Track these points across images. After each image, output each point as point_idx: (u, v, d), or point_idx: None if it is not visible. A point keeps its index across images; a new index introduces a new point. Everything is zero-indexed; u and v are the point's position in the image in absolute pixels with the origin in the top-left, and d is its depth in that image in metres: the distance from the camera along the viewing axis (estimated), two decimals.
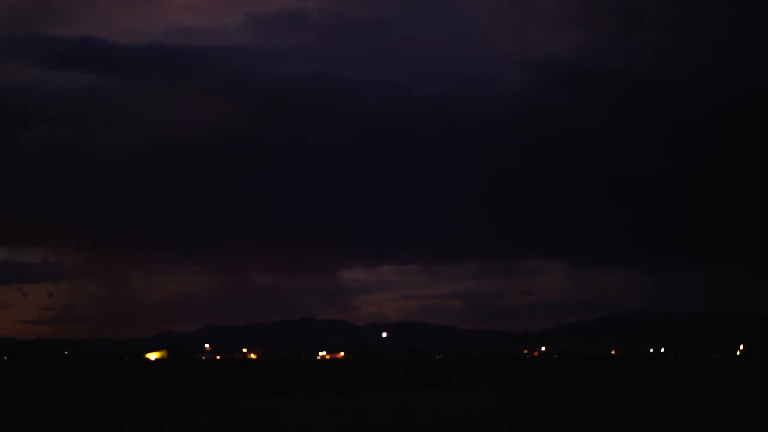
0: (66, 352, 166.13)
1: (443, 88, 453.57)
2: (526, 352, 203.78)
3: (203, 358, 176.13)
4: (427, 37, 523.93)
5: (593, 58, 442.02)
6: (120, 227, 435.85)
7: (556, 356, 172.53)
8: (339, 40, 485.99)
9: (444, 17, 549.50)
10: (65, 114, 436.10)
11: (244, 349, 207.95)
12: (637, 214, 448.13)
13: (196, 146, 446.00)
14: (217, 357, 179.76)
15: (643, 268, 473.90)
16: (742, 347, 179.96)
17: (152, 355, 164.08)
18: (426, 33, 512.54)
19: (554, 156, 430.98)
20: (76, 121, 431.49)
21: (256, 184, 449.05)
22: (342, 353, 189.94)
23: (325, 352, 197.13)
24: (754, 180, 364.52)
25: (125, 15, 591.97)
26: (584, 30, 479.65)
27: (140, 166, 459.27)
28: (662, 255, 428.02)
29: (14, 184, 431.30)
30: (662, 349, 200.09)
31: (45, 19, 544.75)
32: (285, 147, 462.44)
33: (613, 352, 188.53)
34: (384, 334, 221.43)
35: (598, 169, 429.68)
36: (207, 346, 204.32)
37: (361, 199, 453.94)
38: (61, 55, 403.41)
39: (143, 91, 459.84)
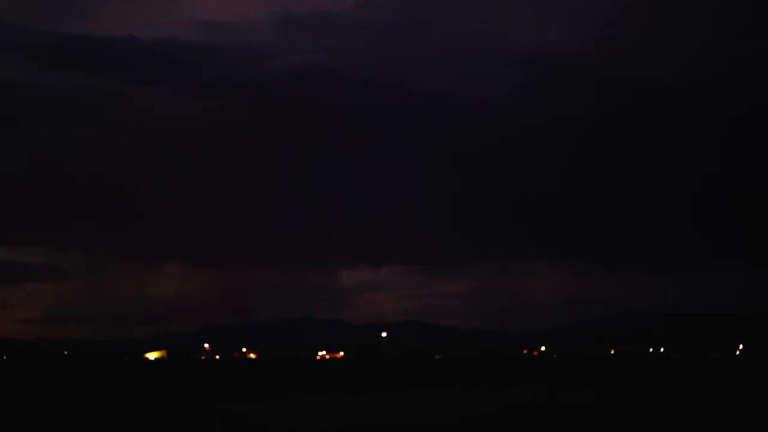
0: (66, 352, 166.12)
1: (445, 87, 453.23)
2: (525, 351, 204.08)
3: (203, 357, 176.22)
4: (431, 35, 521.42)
5: (592, 57, 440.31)
6: (120, 227, 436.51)
7: (556, 356, 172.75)
8: (347, 40, 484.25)
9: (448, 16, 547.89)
10: (67, 113, 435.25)
11: (244, 349, 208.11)
12: (637, 214, 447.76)
13: (196, 145, 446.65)
14: (217, 357, 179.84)
15: (643, 268, 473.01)
16: (741, 347, 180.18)
17: (152, 355, 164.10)
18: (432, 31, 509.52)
19: (555, 155, 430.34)
20: (77, 120, 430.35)
21: (257, 184, 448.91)
22: (342, 353, 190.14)
23: (325, 352, 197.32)
24: (761, 179, 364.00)
25: (144, 9, 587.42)
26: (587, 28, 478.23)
27: (141, 165, 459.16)
28: (662, 254, 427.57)
29: (15, 183, 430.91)
30: (662, 349, 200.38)
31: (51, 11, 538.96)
32: (285, 146, 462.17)
33: (612, 351, 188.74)
34: (384, 334, 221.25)
35: (599, 168, 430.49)
36: (207, 345, 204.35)
37: (361, 199, 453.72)
38: (69, 51, 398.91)
39: (144, 89, 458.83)
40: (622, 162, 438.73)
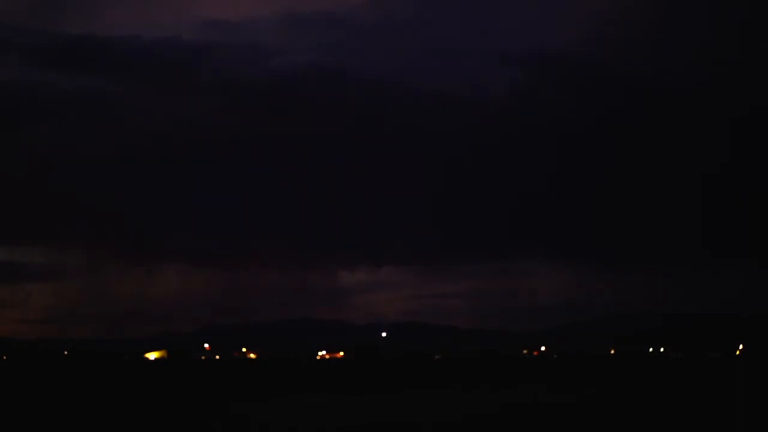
0: (66, 352, 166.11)
1: (445, 87, 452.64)
2: (525, 352, 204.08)
3: (203, 357, 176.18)
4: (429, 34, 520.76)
5: (592, 57, 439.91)
6: (120, 227, 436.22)
7: (555, 356, 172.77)
8: (350, 39, 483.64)
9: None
10: (67, 113, 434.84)
11: (244, 349, 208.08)
12: (637, 214, 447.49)
13: (194, 145, 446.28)
14: (217, 357, 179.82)
15: (643, 268, 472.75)
16: (741, 347, 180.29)
17: (152, 355, 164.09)
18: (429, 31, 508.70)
19: (555, 155, 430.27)
20: (77, 120, 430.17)
21: (256, 183, 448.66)
22: (342, 353, 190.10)
23: (324, 352, 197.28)
24: (761, 179, 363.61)
25: (145, 9, 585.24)
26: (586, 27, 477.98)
27: (140, 166, 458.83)
28: (662, 254, 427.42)
29: (15, 183, 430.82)
30: (662, 349, 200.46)
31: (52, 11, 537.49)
32: (285, 145, 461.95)
33: (612, 351, 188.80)
34: (384, 334, 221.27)
35: (599, 168, 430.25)
36: (206, 345, 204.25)
37: (361, 199, 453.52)
38: (69, 51, 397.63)
39: (144, 89, 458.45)
40: (622, 162, 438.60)
